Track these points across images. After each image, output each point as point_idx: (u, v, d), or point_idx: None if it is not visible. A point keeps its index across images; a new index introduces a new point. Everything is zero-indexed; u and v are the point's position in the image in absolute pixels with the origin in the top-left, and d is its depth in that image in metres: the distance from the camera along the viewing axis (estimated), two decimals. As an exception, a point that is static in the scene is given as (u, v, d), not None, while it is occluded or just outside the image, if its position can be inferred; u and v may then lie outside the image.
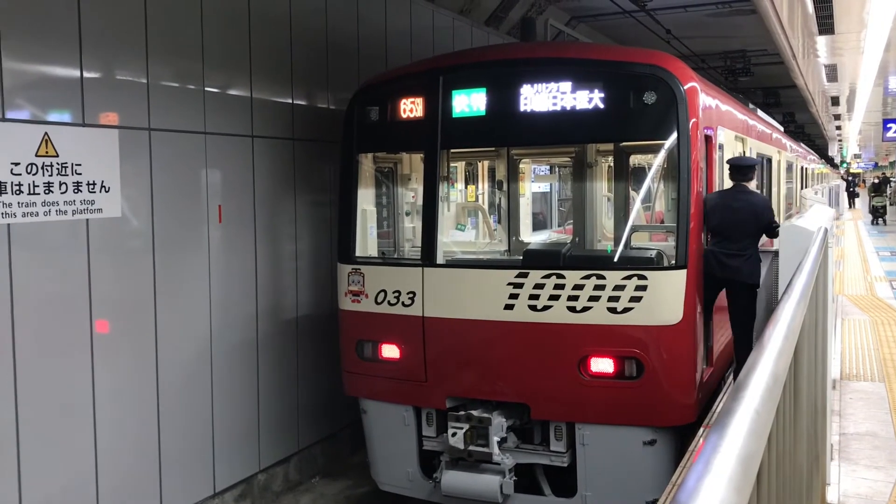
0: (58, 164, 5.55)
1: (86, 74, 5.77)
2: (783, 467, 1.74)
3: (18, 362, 5.36)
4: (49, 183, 5.48)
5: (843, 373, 7.51)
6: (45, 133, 5.47)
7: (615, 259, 6.34)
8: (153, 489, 6.46)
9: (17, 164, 5.28)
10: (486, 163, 9.34)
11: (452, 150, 7.47)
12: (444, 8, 10.92)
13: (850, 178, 55.75)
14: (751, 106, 12.04)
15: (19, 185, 5.28)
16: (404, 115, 6.82)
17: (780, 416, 1.66)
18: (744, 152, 8.97)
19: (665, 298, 5.99)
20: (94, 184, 5.80)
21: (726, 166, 6.97)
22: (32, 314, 5.45)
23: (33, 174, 5.37)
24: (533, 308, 6.20)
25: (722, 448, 1.05)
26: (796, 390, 2.21)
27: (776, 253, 5.93)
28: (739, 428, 1.13)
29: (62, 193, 5.57)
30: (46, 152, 5.47)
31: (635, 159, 8.79)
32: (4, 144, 5.22)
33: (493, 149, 8.39)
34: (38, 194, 5.41)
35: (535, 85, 6.36)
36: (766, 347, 1.63)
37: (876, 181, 33.56)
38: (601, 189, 8.38)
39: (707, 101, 6.71)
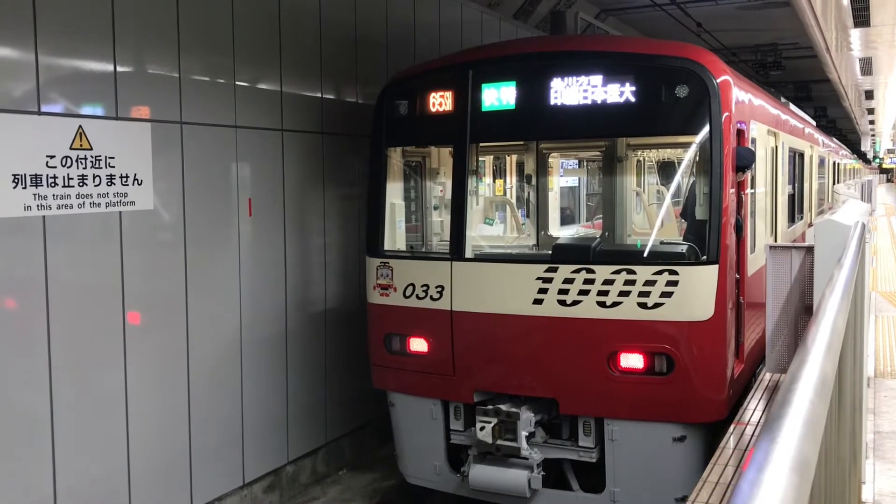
0: (91, 157, 5.61)
1: (119, 69, 5.82)
2: (830, 464, 1.71)
3: (53, 352, 5.44)
4: (83, 176, 5.54)
5: (877, 371, 7.39)
6: (80, 126, 5.53)
7: (646, 254, 6.28)
8: (183, 479, 6.52)
9: (52, 156, 5.34)
10: (514, 157, 9.30)
11: (481, 144, 7.44)
12: (473, 1, 10.88)
13: None
14: (783, 100, 11.88)
15: (54, 177, 5.35)
16: (433, 109, 6.81)
17: (827, 412, 1.63)
18: (776, 147, 8.85)
19: (696, 294, 5.93)
20: (126, 177, 5.86)
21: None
22: (66, 305, 5.52)
23: (68, 167, 5.44)
24: (562, 303, 6.17)
25: (778, 442, 1.02)
26: (840, 387, 2.17)
27: (810, 248, 5.84)
28: (795, 422, 1.11)
29: (96, 186, 5.63)
30: (80, 145, 5.53)
31: (667, 153, 8.71)
32: (40, 138, 5.29)
33: (521, 143, 8.35)
34: (73, 187, 5.47)
35: (566, 78, 6.32)
36: (814, 343, 1.60)
37: None
38: (631, 183, 8.31)
39: (740, 94, 6.62)
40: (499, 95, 6.56)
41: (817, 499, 1.53)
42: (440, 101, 6.78)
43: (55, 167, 5.35)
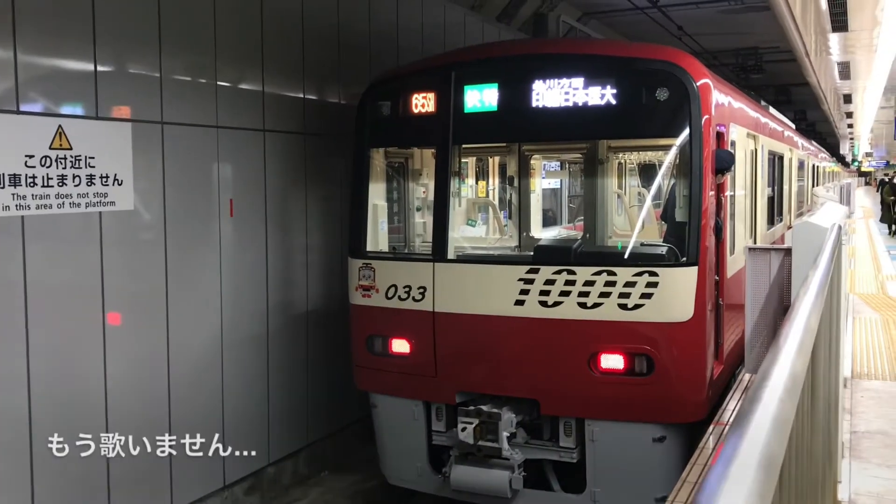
0: (71, 156, 5.57)
1: (99, 68, 5.79)
2: (802, 462, 1.74)
3: (31, 353, 5.40)
4: (63, 175, 5.50)
5: (854, 371, 7.48)
6: (59, 126, 5.50)
7: (626, 255, 6.32)
8: (164, 481, 6.49)
9: (31, 156, 5.31)
10: (496, 158, 9.33)
11: (464, 146, 7.46)
12: (456, 3, 10.91)
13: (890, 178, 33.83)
14: (763, 103, 11.99)
15: (33, 177, 5.31)
16: (416, 111, 6.82)
17: (799, 409, 1.66)
18: (756, 150, 8.93)
19: (676, 295, 5.98)
20: (107, 177, 5.83)
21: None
22: (46, 306, 5.48)
23: (47, 167, 5.40)
24: (543, 304, 6.20)
25: (746, 438, 1.04)
26: (813, 386, 2.20)
27: (788, 250, 5.90)
28: (763, 419, 1.13)
29: (75, 186, 5.60)
30: (60, 145, 5.50)
31: (647, 156, 8.76)
32: (19, 137, 5.25)
33: (504, 145, 8.38)
34: (52, 187, 5.44)
35: (547, 81, 6.35)
36: (786, 341, 1.63)
37: None
38: (612, 185, 8.36)
39: (719, 97, 6.68)
40: (481, 97, 6.58)
41: (789, 496, 1.56)
42: (423, 103, 6.79)
43: (34, 167, 5.32)
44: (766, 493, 0.99)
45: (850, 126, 38.98)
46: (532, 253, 6.80)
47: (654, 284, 5.95)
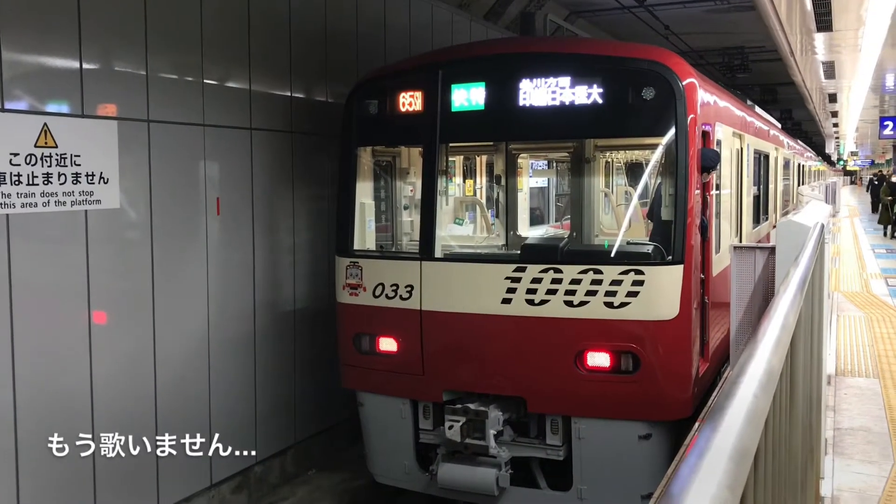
0: (57, 154, 5.55)
1: (85, 66, 5.77)
2: (779, 455, 1.77)
3: (16, 352, 5.37)
4: (48, 174, 5.48)
5: (838, 369, 7.55)
6: (45, 124, 5.48)
7: (612, 254, 6.35)
8: (150, 480, 6.47)
9: (16, 154, 5.28)
10: (484, 157, 9.35)
11: (451, 145, 7.48)
12: (444, 2, 10.92)
13: (879, 177, 32.80)
14: (749, 102, 12.05)
15: (18, 175, 5.29)
16: (403, 109, 6.83)
17: (776, 404, 1.68)
18: (741, 149, 8.99)
19: (662, 293, 6.01)
20: (92, 175, 5.81)
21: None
22: (31, 305, 5.46)
23: (32, 165, 5.38)
24: (530, 302, 6.22)
25: (720, 431, 1.06)
26: (792, 382, 2.23)
27: (773, 249, 5.95)
28: (737, 413, 1.15)
29: (61, 184, 5.58)
30: (46, 143, 5.48)
31: (634, 155, 8.80)
32: (4, 135, 5.23)
33: (491, 143, 8.40)
34: (38, 185, 5.42)
35: (534, 80, 6.37)
36: (763, 337, 1.65)
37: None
38: (599, 184, 8.39)
39: (705, 97, 6.72)
40: (468, 96, 6.60)
41: (766, 489, 1.58)
42: (410, 102, 6.80)
43: (19, 165, 5.29)
44: (737, 484, 1.01)
45: (836, 125, 39.24)
46: (519, 251, 6.82)
47: (640, 283, 5.98)
